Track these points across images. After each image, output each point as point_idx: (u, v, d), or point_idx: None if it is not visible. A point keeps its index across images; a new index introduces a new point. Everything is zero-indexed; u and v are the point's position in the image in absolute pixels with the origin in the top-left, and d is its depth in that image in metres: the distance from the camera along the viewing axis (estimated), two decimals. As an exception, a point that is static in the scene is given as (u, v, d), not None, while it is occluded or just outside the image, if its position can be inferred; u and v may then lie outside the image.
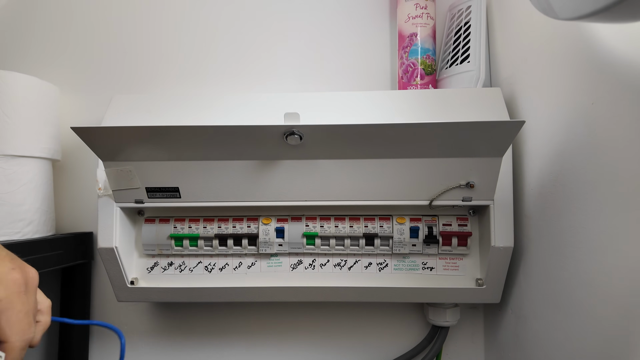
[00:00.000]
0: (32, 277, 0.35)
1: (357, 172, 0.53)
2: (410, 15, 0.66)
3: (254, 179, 0.54)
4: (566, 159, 0.46)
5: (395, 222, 0.58)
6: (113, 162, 0.53)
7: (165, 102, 0.61)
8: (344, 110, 0.59)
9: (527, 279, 0.54)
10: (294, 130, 0.47)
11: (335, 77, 0.72)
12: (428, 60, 0.66)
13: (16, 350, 0.33)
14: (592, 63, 0.41)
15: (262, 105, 0.60)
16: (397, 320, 0.70)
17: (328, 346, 0.71)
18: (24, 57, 0.75)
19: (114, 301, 0.60)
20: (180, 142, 0.50)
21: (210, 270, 0.60)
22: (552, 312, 0.48)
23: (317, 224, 0.59)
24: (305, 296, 0.60)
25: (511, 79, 0.59)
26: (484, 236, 0.57)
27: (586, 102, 0.42)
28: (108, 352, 0.72)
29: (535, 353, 0.52)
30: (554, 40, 0.49)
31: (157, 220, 0.60)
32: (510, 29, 0.60)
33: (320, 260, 0.60)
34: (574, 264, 0.44)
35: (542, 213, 0.51)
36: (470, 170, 0.52)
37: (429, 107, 0.58)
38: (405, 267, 0.59)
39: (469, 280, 0.58)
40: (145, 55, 0.74)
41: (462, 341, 0.69)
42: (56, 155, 0.67)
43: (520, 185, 0.56)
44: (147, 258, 0.61)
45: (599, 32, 0.40)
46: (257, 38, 0.73)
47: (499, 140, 0.48)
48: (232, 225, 0.59)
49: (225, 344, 0.72)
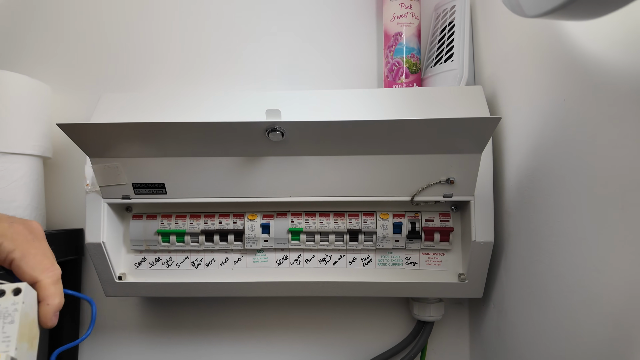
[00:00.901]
0: (36, 227, 0.36)
1: (340, 168, 0.54)
2: (395, 14, 0.67)
3: (238, 176, 0.55)
4: (541, 154, 0.47)
5: (378, 218, 0.59)
6: (100, 159, 0.54)
7: (153, 100, 0.62)
8: (329, 108, 0.60)
9: (508, 274, 0.55)
10: (275, 127, 0.48)
11: (323, 76, 0.73)
12: (413, 59, 0.67)
13: (49, 286, 0.33)
14: (564, 61, 0.42)
15: (249, 103, 0.61)
16: (382, 315, 0.71)
17: (315, 341, 0.72)
18: (16, 56, 0.76)
19: (104, 297, 0.61)
20: (165, 138, 0.51)
21: (197, 266, 0.61)
22: (528, 305, 0.49)
23: (303, 220, 0.60)
24: (291, 291, 0.61)
25: (493, 77, 0.60)
26: (465, 232, 0.58)
27: (558, 99, 0.43)
28: (98, 351, 0.73)
29: (514, 346, 0.53)
30: (531, 39, 0.50)
31: (145, 216, 0.61)
32: (492, 28, 0.61)
33: (305, 255, 0.61)
34: (548, 258, 0.45)
35: (521, 208, 0.52)
36: (451, 166, 0.53)
37: (412, 105, 0.59)
38: (389, 262, 0.60)
39: (451, 275, 0.59)
40: (137, 55, 0.75)
41: (447, 336, 0.70)
42: (47, 152, 0.68)
43: (501, 181, 0.57)
44: (135, 254, 0.62)
45: (571, 31, 0.41)
46: (246, 37, 0.74)
47: (478, 137, 0.49)
48: (218, 221, 0.60)
49: (213, 339, 0.73)
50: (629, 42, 0.34)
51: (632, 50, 0.33)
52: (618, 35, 0.35)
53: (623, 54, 0.34)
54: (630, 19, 0.33)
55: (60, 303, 0.34)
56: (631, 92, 0.33)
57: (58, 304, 0.34)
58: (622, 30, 0.34)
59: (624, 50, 0.34)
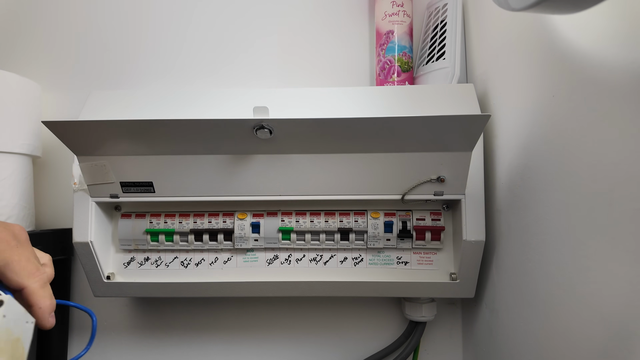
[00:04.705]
0: (19, 231, 0.35)
1: (331, 166, 0.54)
2: (387, 12, 0.67)
3: (228, 174, 0.54)
4: (532, 152, 0.46)
5: (369, 217, 0.59)
6: (87, 157, 0.53)
7: (143, 98, 0.61)
8: (320, 105, 0.59)
9: (499, 273, 0.55)
10: (263, 124, 0.47)
11: (315, 74, 0.73)
12: (404, 57, 0.67)
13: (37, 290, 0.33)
14: (553, 56, 0.42)
15: (239, 101, 0.60)
16: (374, 315, 0.70)
17: (306, 341, 0.71)
18: (5, 54, 0.75)
19: (93, 297, 0.61)
20: (153, 136, 0.51)
21: (187, 266, 0.61)
22: (519, 304, 0.49)
23: (293, 219, 0.59)
24: (281, 291, 0.60)
25: (484, 75, 0.60)
26: (457, 231, 0.57)
27: (547, 95, 0.42)
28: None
29: (506, 346, 0.53)
30: (520, 36, 0.49)
31: (133, 215, 0.60)
32: (484, 26, 0.61)
33: (296, 255, 0.60)
34: (538, 256, 0.45)
35: (511, 206, 0.51)
36: (442, 164, 0.52)
37: (403, 103, 0.59)
38: (380, 261, 0.60)
39: (443, 275, 0.59)
40: (127, 53, 0.75)
41: (440, 337, 0.70)
42: (36, 151, 0.67)
43: (492, 179, 0.57)
44: (124, 253, 0.61)
45: (560, 26, 0.41)
46: (237, 35, 0.74)
47: (468, 134, 0.49)
48: (207, 220, 0.59)
49: (204, 339, 0.72)
50: (618, 36, 0.33)
51: (621, 43, 0.33)
52: (607, 29, 0.34)
53: (613, 47, 0.34)
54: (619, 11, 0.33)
55: (52, 304, 0.34)
56: (621, 87, 0.33)
57: (50, 305, 0.34)
58: (612, 23, 0.34)
59: (614, 45, 0.34)
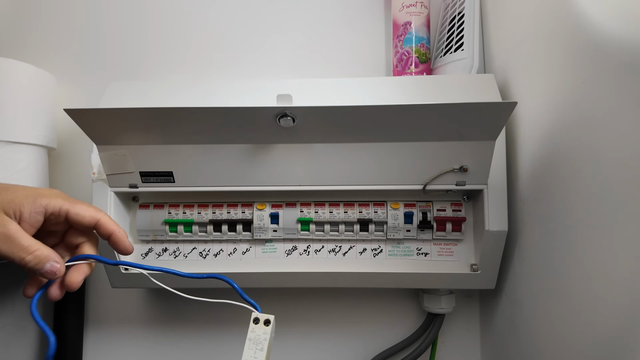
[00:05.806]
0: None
1: (351, 156, 0.53)
2: (405, 4, 0.66)
3: (247, 164, 0.54)
4: (557, 140, 0.46)
5: (389, 208, 0.58)
6: (107, 146, 0.53)
7: (161, 88, 0.61)
8: (338, 95, 0.59)
9: (522, 263, 0.54)
10: (286, 112, 0.47)
11: (331, 65, 0.72)
12: (422, 48, 0.66)
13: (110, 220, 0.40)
14: (581, 42, 0.41)
15: (257, 92, 0.60)
16: (392, 308, 0.70)
17: (324, 333, 0.71)
18: (22, 45, 0.75)
19: (109, 288, 0.60)
20: (174, 125, 0.50)
21: (205, 256, 0.60)
22: (546, 295, 0.48)
23: (312, 210, 0.59)
24: (300, 282, 0.60)
25: (504, 65, 0.60)
26: (478, 222, 0.57)
27: (576, 82, 0.42)
28: (103, 344, 0.72)
29: (529, 338, 0.52)
30: (545, 24, 0.49)
31: (152, 206, 0.60)
32: (503, 17, 0.60)
33: (314, 246, 0.60)
34: (565, 245, 0.44)
35: (536, 196, 0.51)
36: (464, 154, 0.52)
37: (422, 93, 0.58)
38: (400, 252, 0.59)
39: (463, 266, 0.58)
40: (143, 45, 0.74)
41: (458, 329, 0.69)
42: (52, 143, 0.67)
43: (514, 169, 0.56)
44: (142, 244, 0.61)
45: (589, 11, 0.41)
46: (255, 28, 0.74)
47: (492, 123, 0.48)
48: (226, 211, 0.59)
49: (220, 331, 0.71)
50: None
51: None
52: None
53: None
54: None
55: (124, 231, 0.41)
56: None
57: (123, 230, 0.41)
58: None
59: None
